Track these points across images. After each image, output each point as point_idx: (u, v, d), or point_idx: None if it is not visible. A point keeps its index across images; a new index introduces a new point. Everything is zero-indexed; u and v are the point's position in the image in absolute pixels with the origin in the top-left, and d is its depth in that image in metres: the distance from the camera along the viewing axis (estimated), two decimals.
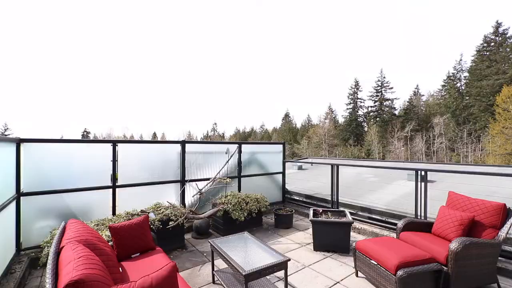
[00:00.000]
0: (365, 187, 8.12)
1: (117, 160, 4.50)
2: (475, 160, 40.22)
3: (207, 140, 79.01)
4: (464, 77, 47.24)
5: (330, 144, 57.84)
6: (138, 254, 2.94)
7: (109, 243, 2.90)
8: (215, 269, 3.29)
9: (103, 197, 4.39)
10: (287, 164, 7.49)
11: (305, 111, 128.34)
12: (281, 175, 7.06)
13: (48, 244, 3.30)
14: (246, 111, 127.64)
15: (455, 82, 48.68)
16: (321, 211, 4.62)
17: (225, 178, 5.32)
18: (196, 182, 5.46)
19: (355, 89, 60.31)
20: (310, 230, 4.72)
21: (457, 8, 73.47)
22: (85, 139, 13.55)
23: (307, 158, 17.64)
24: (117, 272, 2.33)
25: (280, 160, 7.08)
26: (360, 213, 5.40)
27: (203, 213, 4.84)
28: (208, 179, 5.52)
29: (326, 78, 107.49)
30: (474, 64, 44.10)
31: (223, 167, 5.72)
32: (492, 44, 42.00)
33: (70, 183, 4.11)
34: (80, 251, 1.80)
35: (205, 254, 4.13)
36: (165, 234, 4.07)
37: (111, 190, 4.45)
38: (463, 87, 47.11)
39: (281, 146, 7.19)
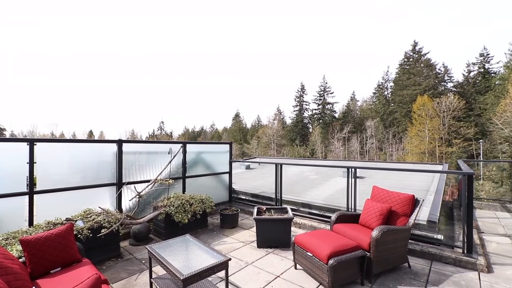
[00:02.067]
0: (307, 184, 8.67)
1: (35, 162, 3.89)
2: (397, 158, 46.73)
3: (152, 139, 74.11)
4: (390, 86, 54.58)
5: (278, 144, 60.21)
6: (59, 268, 2.58)
7: (21, 260, 2.48)
8: (153, 277, 3.10)
9: (16, 206, 3.72)
10: (235, 163, 7.52)
11: (255, 112, 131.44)
12: (227, 175, 7.05)
13: None
14: (196, 111, 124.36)
15: (383, 90, 55.89)
16: (264, 209, 4.76)
17: (168, 179, 5.07)
18: (135, 185, 5.07)
19: (301, 93, 64.07)
20: (255, 228, 4.83)
21: (386, 26, 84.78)
22: None
23: (255, 157, 18.01)
24: None
25: (227, 160, 7.07)
26: (302, 209, 5.75)
27: (142, 218, 4.53)
28: (149, 181, 5.18)
29: (275, 81, 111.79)
30: (397, 75, 51.34)
31: (164, 168, 5.43)
32: (411, 59, 49.53)
33: None
34: None
35: (143, 261, 3.86)
36: (96, 244, 3.67)
37: (27, 197, 3.82)
38: (389, 95, 54.33)
39: (227, 146, 7.19)
